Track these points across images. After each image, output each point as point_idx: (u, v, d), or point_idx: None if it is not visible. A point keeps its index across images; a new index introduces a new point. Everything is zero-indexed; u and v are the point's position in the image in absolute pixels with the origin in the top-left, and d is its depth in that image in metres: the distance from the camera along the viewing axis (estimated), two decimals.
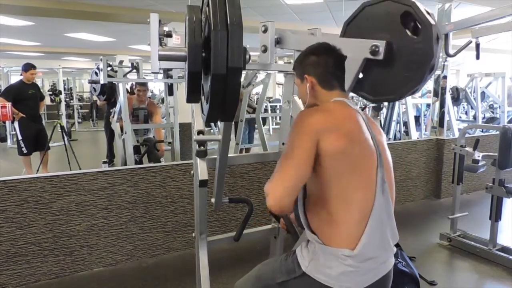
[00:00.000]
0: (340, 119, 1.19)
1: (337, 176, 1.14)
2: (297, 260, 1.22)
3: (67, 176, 2.63)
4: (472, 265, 2.94)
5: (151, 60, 1.19)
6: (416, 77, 1.25)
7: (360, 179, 1.16)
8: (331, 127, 1.15)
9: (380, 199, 1.17)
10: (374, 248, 1.15)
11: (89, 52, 12.53)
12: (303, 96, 1.35)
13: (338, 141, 1.13)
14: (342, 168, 1.14)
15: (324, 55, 1.29)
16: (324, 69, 1.28)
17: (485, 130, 5.77)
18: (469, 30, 2.83)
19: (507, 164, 2.85)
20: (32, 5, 6.09)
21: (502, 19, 2.53)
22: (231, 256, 2.96)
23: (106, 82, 4.23)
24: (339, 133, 1.14)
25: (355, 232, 1.14)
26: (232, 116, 1.21)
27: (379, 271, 1.18)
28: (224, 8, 1.04)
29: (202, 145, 1.64)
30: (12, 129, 4.96)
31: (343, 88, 1.31)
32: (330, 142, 1.12)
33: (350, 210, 1.14)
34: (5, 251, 2.47)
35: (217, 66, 1.04)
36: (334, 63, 1.28)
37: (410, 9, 1.24)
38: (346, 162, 1.14)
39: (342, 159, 1.13)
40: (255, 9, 6.48)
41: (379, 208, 1.16)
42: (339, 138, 1.13)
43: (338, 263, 1.13)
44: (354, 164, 1.15)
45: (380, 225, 1.17)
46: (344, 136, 1.15)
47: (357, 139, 1.18)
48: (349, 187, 1.14)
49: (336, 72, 1.29)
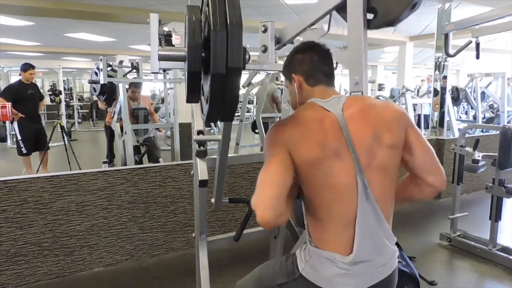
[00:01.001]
0: (310, 127, 1.13)
1: (314, 186, 1.12)
2: (296, 262, 1.22)
3: (67, 176, 2.63)
4: (472, 265, 2.94)
5: (151, 60, 1.19)
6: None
7: (337, 188, 1.11)
8: (299, 137, 1.11)
9: (364, 205, 1.11)
10: (366, 253, 1.13)
11: (89, 52, 12.53)
12: (292, 98, 1.30)
13: (307, 153, 1.09)
14: (318, 178, 1.11)
15: (309, 51, 1.26)
16: (310, 64, 1.25)
17: (485, 130, 5.77)
18: (469, 30, 2.83)
19: (507, 164, 2.85)
20: (32, 5, 6.09)
21: (502, 19, 2.53)
22: (231, 256, 2.96)
23: (106, 82, 4.23)
24: (307, 143, 1.10)
25: (344, 239, 1.12)
26: (232, 116, 1.21)
27: (377, 274, 1.16)
28: (224, 8, 1.04)
29: (202, 145, 1.63)
30: (12, 129, 4.98)
31: (330, 83, 1.27)
32: (299, 153, 1.10)
33: (334, 218, 1.13)
34: (5, 251, 2.47)
35: (216, 66, 1.04)
36: (320, 58, 1.25)
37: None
38: (319, 171, 1.10)
39: (314, 169, 1.10)
40: (255, 9, 6.48)
41: (364, 215, 1.11)
42: (308, 149, 1.10)
43: (331, 265, 1.13)
44: (328, 173, 1.10)
45: (370, 231, 1.12)
46: (313, 146, 1.10)
47: (329, 146, 1.10)
48: (328, 195, 1.11)
49: (323, 67, 1.25)
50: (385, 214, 1.15)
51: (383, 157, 1.14)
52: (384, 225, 1.15)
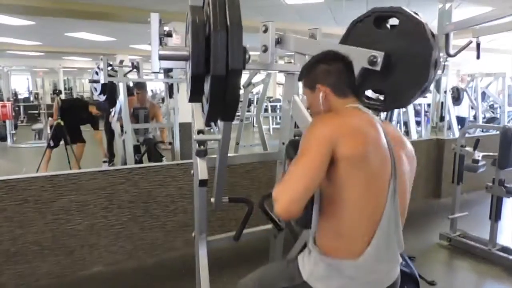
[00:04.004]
0: (359, 125, 1.16)
1: (352, 183, 1.11)
2: (298, 268, 1.23)
3: (67, 175, 2.63)
4: (471, 265, 2.94)
5: (152, 59, 1.19)
6: (422, 76, 1.25)
7: (375, 188, 1.14)
8: (350, 132, 1.12)
9: (390, 209, 1.15)
10: (379, 258, 1.14)
11: (89, 51, 12.52)
12: (315, 106, 1.30)
13: (357, 147, 1.09)
14: (360, 174, 1.11)
15: (335, 63, 1.27)
16: (337, 77, 1.26)
17: (485, 130, 5.77)
18: (470, 30, 2.83)
19: (507, 164, 2.85)
20: (32, 5, 6.08)
21: (503, 19, 2.53)
22: (231, 255, 2.96)
23: (106, 81, 4.23)
24: (358, 139, 1.11)
25: (360, 242, 1.13)
26: (232, 116, 1.21)
27: (382, 282, 1.17)
28: (223, 8, 1.04)
29: (202, 145, 1.64)
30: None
31: (357, 94, 1.30)
32: (349, 147, 1.08)
33: (360, 217, 1.14)
34: (5, 250, 2.47)
35: (216, 67, 1.03)
36: (346, 70, 1.27)
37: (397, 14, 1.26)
38: (364, 168, 1.11)
39: (361, 164, 1.10)
40: (255, 9, 6.48)
41: (387, 218, 1.15)
42: (358, 144, 1.10)
43: (339, 274, 1.13)
44: (372, 171, 1.12)
45: (388, 235, 1.16)
46: (364, 141, 1.11)
47: (377, 145, 1.14)
48: (363, 194, 1.12)
49: (350, 79, 1.27)
50: (402, 220, 1.21)
51: (405, 169, 1.23)
52: (399, 231, 1.19)
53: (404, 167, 1.23)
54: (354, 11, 1.43)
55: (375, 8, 1.31)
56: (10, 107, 4.49)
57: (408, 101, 1.34)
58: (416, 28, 1.24)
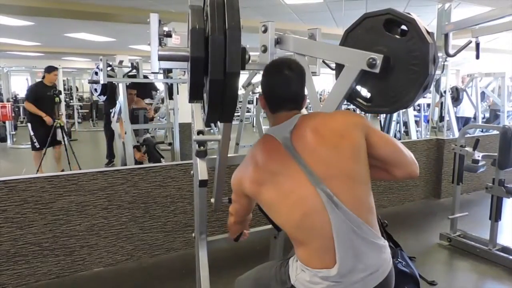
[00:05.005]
0: (260, 159, 1.23)
1: (275, 209, 1.21)
2: (289, 272, 1.23)
3: (67, 176, 2.63)
4: (472, 265, 2.94)
5: (151, 60, 1.19)
6: (420, 75, 1.24)
7: (299, 203, 1.13)
8: (247, 173, 1.24)
9: (335, 214, 1.10)
10: (351, 262, 1.11)
11: (89, 52, 12.52)
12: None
13: (250, 184, 1.23)
14: (273, 201, 1.19)
15: (271, 76, 1.26)
16: (270, 90, 1.28)
17: (485, 130, 5.77)
18: (469, 30, 2.83)
19: (507, 164, 2.85)
20: (32, 5, 6.09)
21: (502, 19, 2.53)
22: (231, 256, 2.96)
23: (106, 82, 4.23)
24: (250, 175, 1.23)
25: (326, 253, 1.12)
26: (230, 118, 1.22)
27: (370, 280, 1.14)
28: (222, 11, 1.03)
29: (202, 145, 1.64)
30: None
31: (293, 106, 1.27)
32: (249, 188, 1.24)
33: (310, 236, 1.14)
34: (5, 251, 2.47)
35: (214, 71, 1.03)
36: (283, 82, 1.24)
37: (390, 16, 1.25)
38: (269, 193, 1.18)
39: (265, 194, 1.19)
40: (255, 9, 6.48)
41: (338, 223, 1.10)
42: (251, 180, 1.22)
43: (322, 280, 1.13)
44: (282, 192, 1.16)
45: (349, 239, 1.10)
46: (255, 174, 1.22)
47: (268, 169, 1.20)
48: (295, 215, 1.14)
49: (285, 92, 1.25)
50: (363, 217, 1.13)
51: (345, 165, 1.15)
52: (364, 228, 1.12)
53: (334, 163, 1.15)
54: (353, 11, 1.42)
55: (390, 9, 1.27)
56: (10, 108, 4.48)
57: (412, 100, 1.31)
58: (410, 28, 1.23)
